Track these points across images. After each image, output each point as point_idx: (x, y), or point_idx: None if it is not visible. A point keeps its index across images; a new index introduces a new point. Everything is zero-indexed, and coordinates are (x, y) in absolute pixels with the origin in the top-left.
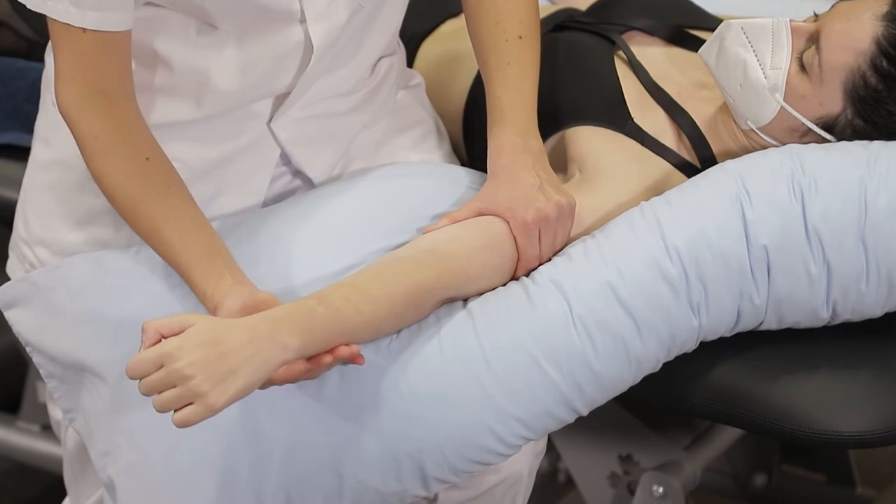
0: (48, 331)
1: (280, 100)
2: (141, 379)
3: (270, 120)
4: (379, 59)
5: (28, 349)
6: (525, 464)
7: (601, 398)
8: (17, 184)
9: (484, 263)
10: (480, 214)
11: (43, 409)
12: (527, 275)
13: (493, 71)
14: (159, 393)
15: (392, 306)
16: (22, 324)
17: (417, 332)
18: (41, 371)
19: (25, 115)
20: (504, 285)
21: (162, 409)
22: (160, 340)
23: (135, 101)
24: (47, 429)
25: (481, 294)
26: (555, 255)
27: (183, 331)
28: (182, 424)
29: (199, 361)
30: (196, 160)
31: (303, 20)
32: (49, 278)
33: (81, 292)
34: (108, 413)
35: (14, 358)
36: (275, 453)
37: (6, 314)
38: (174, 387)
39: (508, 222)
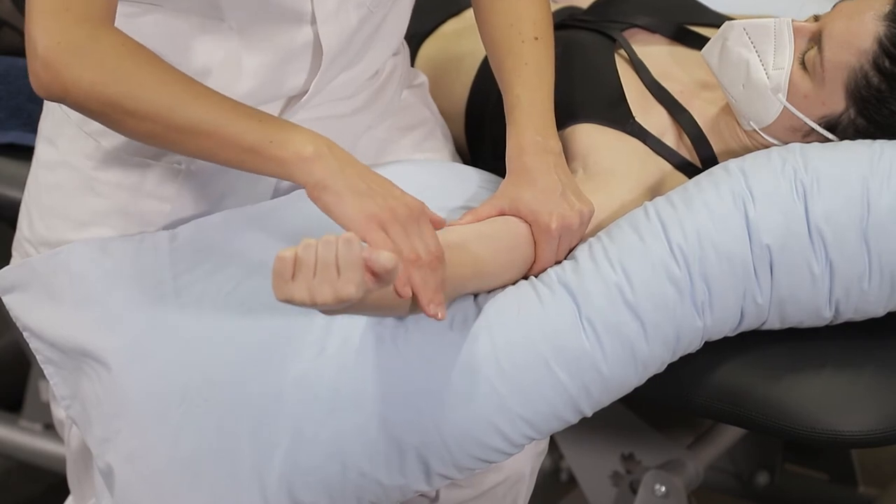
0: (47, 316)
1: (291, 102)
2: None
3: None
4: (385, 61)
5: (26, 334)
6: (527, 463)
7: (606, 400)
8: (19, 183)
9: (503, 265)
10: (503, 214)
11: (46, 408)
12: (535, 275)
13: (510, 72)
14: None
15: None
16: (20, 308)
17: (427, 326)
18: (38, 357)
19: (28, 114)
20: (513, 283)
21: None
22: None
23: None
24: (50, 428)
25: (491, 291)
26: None
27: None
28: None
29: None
30: (204, 160)
31: (313, 22)
32: (49, 264)
33: (82, 278)
34: (109, 399)
35: (17, 357)
36: (278, 442)
37: (4, 299)
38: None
39: (531, 225)
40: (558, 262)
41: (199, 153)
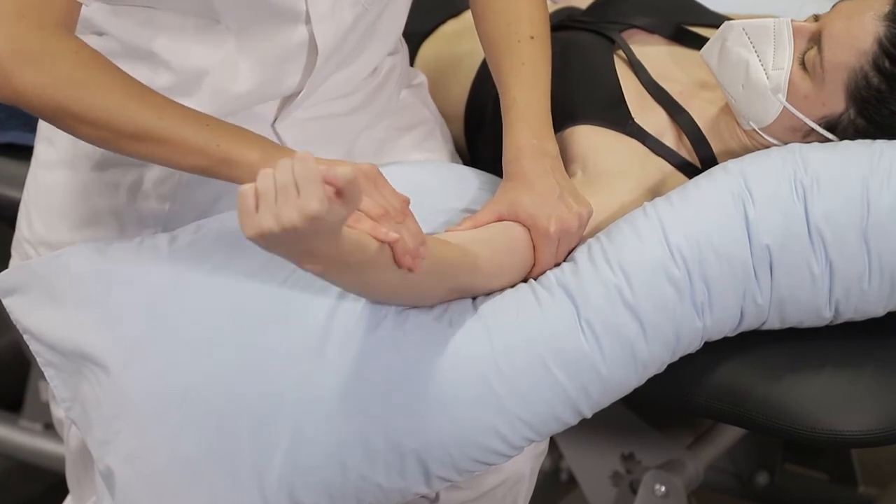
0: (48, 319)
1: (286, 101)
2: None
3: (274, 122)
4: (382, 59)
5: (26, 337)
6: (527, 464)
7: (606, 401)
8: (19, 183)
9: (502, 267)
10: (501, 219)
11: (45, 408)
12: (535, 278)
13: (507, 73)
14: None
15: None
16: (20, 311)
17: (427, 328)
18: (38, 360)
19: (27, 114)
20: (512, 286)
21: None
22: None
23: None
24: (50, 428)
25: (489, 293)
26: None
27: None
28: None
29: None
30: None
31: (307, 21)
32: (49, 266)
33: (83, 280)
34: (109, 401)
35: (17, 357)
36: (278, 443)
37: (4, 301)
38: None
39: (529, 229)
40: (557, 265)
41: (153, 158)
